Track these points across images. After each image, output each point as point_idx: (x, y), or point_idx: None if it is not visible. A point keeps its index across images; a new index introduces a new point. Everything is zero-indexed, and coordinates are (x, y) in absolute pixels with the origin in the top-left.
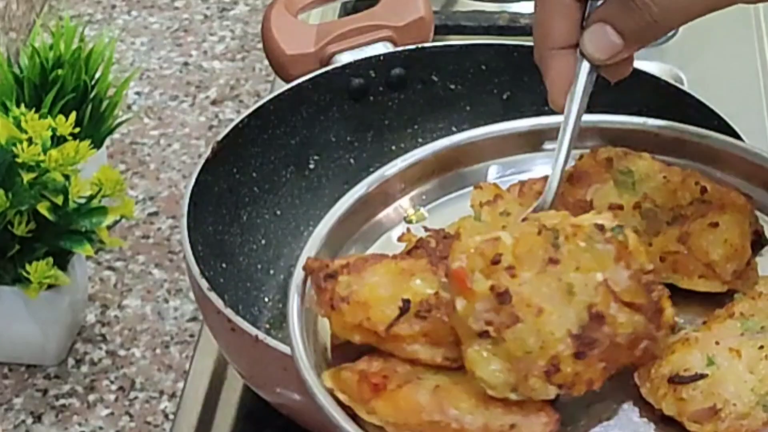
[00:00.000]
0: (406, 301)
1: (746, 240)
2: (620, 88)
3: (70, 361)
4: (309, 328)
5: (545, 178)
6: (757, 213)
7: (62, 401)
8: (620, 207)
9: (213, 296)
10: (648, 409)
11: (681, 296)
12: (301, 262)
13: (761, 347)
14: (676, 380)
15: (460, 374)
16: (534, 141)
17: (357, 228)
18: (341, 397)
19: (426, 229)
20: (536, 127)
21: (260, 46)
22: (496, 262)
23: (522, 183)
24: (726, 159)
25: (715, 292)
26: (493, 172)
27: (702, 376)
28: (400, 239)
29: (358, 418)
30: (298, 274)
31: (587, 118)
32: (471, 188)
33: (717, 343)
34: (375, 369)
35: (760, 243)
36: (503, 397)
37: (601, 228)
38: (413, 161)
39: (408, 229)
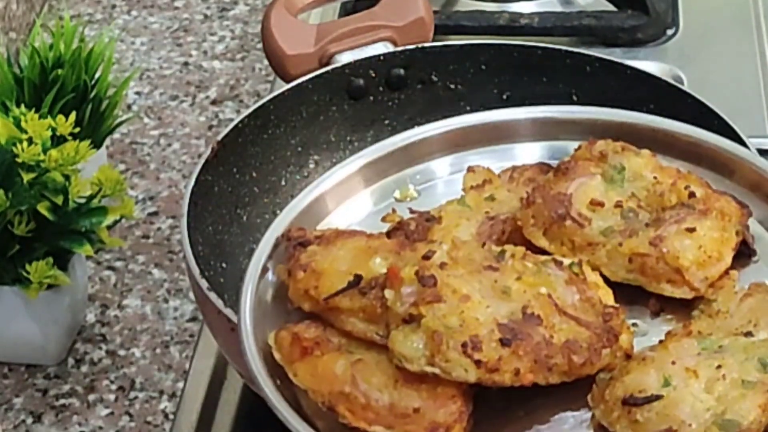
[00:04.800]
0: (358, 276)
1: (726, 248)
2: (621, 88)
3: (70, 361)
4: (274, 289)
5: (539, 165)
6: (756, 225)
7: (62, 401)
8: (601, 204)
9: (213, 296)
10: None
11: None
12: (279, 222)
13: (719, 367)
14: (630, 402)
15: (387, 353)
16: (546, 130)
17: (348, 197)
18: (276, 356)
19: (411, 211)
20: (547, 116)
21: (260, 46)
22: (427, 257)
23: (514, 168)
24: (736, 167)
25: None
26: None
27: (657, 398)
28: (383, 219)
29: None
30: (270, 238)
31: (597, 111)
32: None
33: (673, 362)
34: (309, 334)
35: (747, 254)
36: (419, 370)
37: (558, 262)
38: (418, 138)
39: (393, 210)
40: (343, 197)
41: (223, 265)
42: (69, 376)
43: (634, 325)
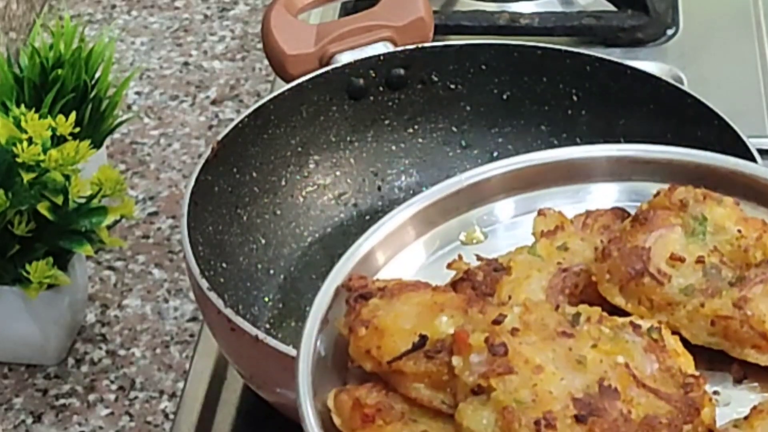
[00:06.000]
0: (423, 337)
1: None
2: (621, 89)
3: (70, 361)
4: (332, 342)
5: (614, 210)
6: None
7: (62, 401)
8: (681, 259)
9: (213, 296)
10: None
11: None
12: (339, 270)
13: None
14: None
15: (452, 424)
16: (621, 170)
17: (410, 240)
18: (336, 420)
19: (478, 258)
20: (622, 155)
21: (260, 46)
22: (497, 322)
23: (588, 213)
24: None
25: None
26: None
27: None
28: (449, 266)
29: None
30: (330, 287)
31: (663, 150)
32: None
33: None
34: (371, 400)
35: None
36: None
37: (636, 326)
38: (484, 177)
39: (459, 256)
40: (399, 246)
41: (223, 265)
42: (69, 376)
43: (715, 393)
